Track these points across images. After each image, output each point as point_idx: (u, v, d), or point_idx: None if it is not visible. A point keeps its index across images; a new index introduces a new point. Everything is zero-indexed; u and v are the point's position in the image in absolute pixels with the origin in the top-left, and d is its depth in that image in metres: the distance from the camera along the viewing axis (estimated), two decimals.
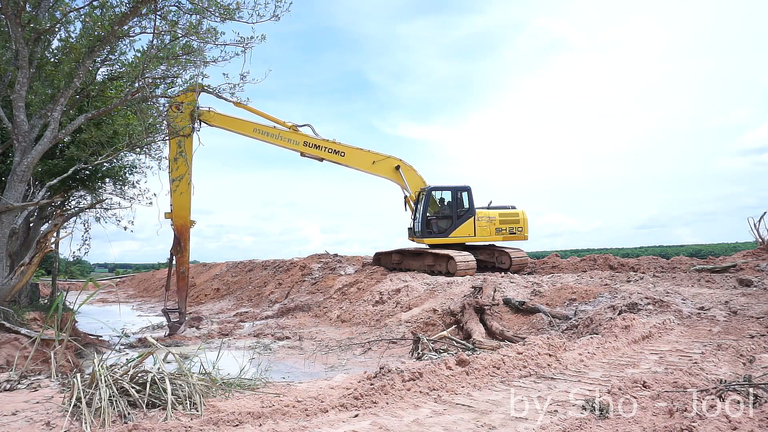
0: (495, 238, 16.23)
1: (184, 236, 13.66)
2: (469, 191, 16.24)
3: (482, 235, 16.11)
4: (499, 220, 16.23)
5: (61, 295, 8.28)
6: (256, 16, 9.55)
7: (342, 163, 15.75)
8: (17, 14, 8.65)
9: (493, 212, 16.35)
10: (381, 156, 16.08)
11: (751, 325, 6.78)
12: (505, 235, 16.19)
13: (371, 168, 15.98)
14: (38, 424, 3.72)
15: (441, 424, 3.79)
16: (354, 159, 15.84)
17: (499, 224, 16.17)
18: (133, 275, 46.51)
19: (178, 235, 13.60)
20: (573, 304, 9.49)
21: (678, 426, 3.20)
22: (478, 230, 16.03)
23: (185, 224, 13.61)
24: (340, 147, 15.68)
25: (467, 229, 16.02)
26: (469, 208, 16.12)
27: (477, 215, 16.08)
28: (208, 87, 12.31)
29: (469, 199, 16.19)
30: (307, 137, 15.38)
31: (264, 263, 23.82)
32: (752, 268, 11.88)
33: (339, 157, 15.65)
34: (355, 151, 15.84)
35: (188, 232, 13.76)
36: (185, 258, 13.79)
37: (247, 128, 14.90)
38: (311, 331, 12.28)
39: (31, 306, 10.43)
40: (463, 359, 5.24)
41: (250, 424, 3.78)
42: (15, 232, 9.36)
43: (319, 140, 15.46)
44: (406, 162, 16.50)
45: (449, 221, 16.10)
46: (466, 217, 16.05)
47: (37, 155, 9.12)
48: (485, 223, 16.08)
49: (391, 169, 16.21)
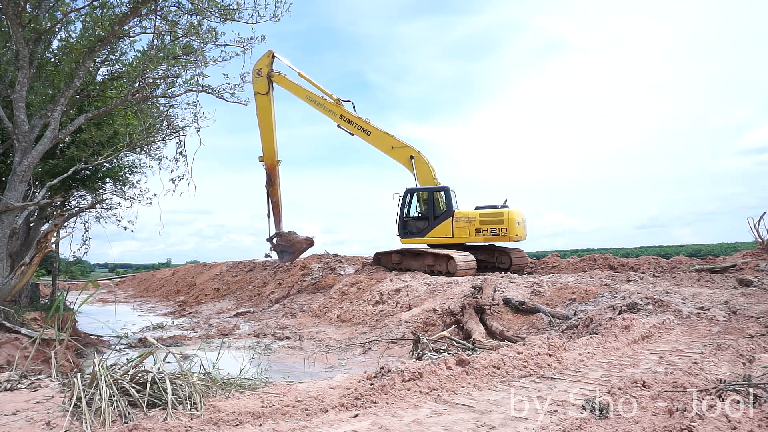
0: (475, 239, 15.62)
1: (273, 173, 18.13)
2: (447, 191, 16.07)
3: (460, 235, 15.67)
4: (479, 220, 15.51)
5: (62, 295, 8.29)
6: (256, 17, 9.58)
7: (367, 141, 17.02)
8: (17, 14, 8.65)
9: (473, 212, 15.81)
10: (401, 143, 16.81)
11: (751, 325, 6.78)
12: (486, 236, 15.42)
13: (389, 152, 16.93)
14: (38, 423, 3.72)
15: (441, 424, 3.79)
16: (377, 140, 16.98)
17: (479, 225, 15.48)
18: (133, 275, 46.53)
19: (268, 172, 18.10)
20: (573, 304, 9.49)
21: (678, 426, 3.21)
22: (456, 231, 15.71)
23: (273, 164, 18.07)
24: (369, 127, 16.97)
25: (444, 229, 15.87)
26: (446, 209, 15.95)
27: (455, 215, 15.79)
28: (207, 87, 12.34)
29: (447, 200, 16.01)
30: (344, 111, 17.17)
31: (264, 263, 23.81)
32: (752, 268, 11.88)
33: (365, 135, 17.02)
34: (380, 133, 16.94)
35: (276, 169, 18.12)
36: (275, 190, 18.21)
37: (301, 93, 17.66)
38: (311, 331, 12.29)
39: (31, 306, 10.44)
40: (463, 359, 5.24)
41: (250, 424, 3.78)
42: (15, 232, 9.37)
43: (353, 116, 17.06)
44: (423, 155, 16.68)
45: (426, 222, 16.20)
46: (444, 218, 15.91)
47: (37, 155, 9.12)
48: (464, 223, 15.66)
49: (405, 157, 16.73)
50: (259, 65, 17.78)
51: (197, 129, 11.92)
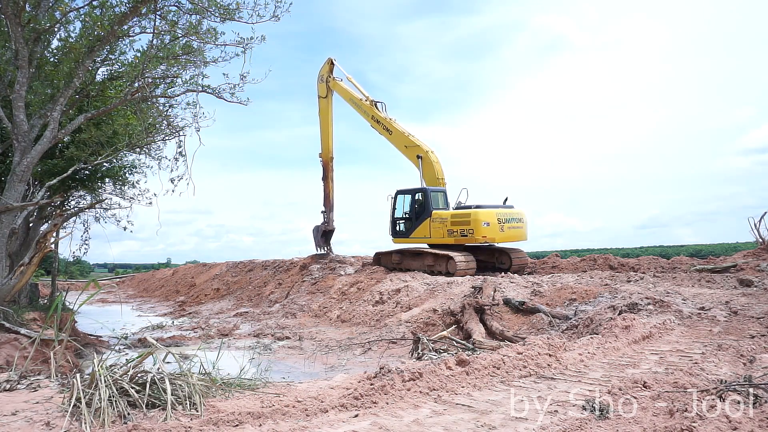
0: (447, 240, 15.53)
1: (328, 167, 20.19)
2: (426, 192, 16.17)
3: (436, 236, 15.73)
4: (451, 221, 15.40)
5: (61, 295, 8.28)
6: (256, 17, 9.57)
7: (389, 140, 17.71)
8: (17, 14, 8.65)
9: (446, 213, 15.75)
10: (413, 142, 17.13)
11: (752, 325, 6.77)
12: (456, 237, 15.30)
13: (403, 150, 17.38)
14: (38, 424, 3.71)
15: (441, 424, 3.78)
16: (396, 138, 17.56)
17: (451, 225, 15.41)
18: (133, 275, 46.49)
19: (324, 167, 20.21)
20: (573, 304, 9.48)
21: (678, 426, 3.20)
22: (432, 231, 15.83)
23: (328, 159, 20.13)
24: (392, 126, 17.63)
25: (423, 230, 16.08)
26: (425, 210, 16.03)
27: (432, 216, 15.84)
28: (207, 87, 12.33)
29: (425, 201, 16.10)
30: (375, 112, 18.09)
31: (264, 263, 23.81)
32: (752, 268, 11.86)
33: (387, 134, 17.76)
34: (399, 132, 17.47)
35: (330, 164, 20.20)
36: (329, 183, 20.16)
37: (347, 96, 19.11)
38: (311, 331, 12.28)
39: (30, 306, 10.42)
40: (463, 359, 5.23)
41: (250, 424, 3.78)
42: (15, 232, 9.36)
43: (381, 116, 17.95)
44: (432, 155, 16.88)
45: (411, 222, 16.55)
46: (423, 219, 16.06)
47: (36, 155, 9.11)
48: (439, 224, 15.70)
49: (414, 156, 17.00)
50: (321, 72, 19.82)
51: (197, 129, 11.92)
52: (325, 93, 19.78)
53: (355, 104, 18.71)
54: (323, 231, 20.40)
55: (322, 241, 20.46)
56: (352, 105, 18.88)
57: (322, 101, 19.96)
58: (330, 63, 19.59)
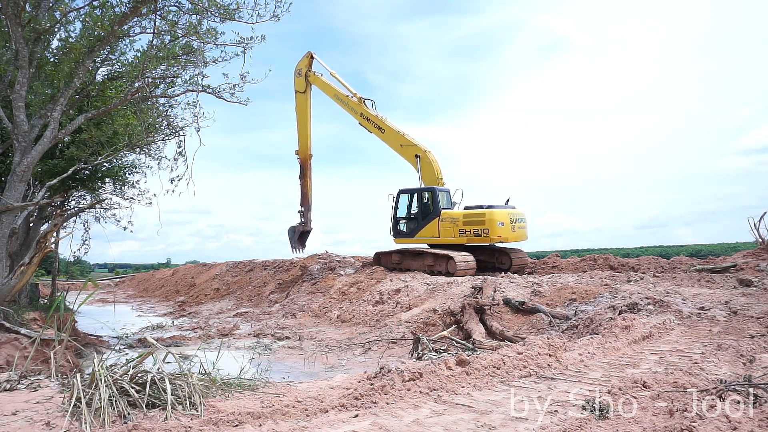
0: (459, 239, 15.46)
1: (306, 165, 19.45)
2: (434, 192, 16.06)
3: (446, 236, 15.62)
4: (463, 221, 15.28)
5: (61, 295, 8.28)
6: (255, 17, 9.57)
7: (381, 139, 17.31)
8: (17, 14, 8.65)
9: (457, 213, 15.69)
10: (410, 141, 16.84)
11: (752, 325, 6.78)
12: (469, 236, 15.21)
13: (399, 149, 17.01)
14: (38, 424, 3.71)
15: (441, 424, 3.79)
16: (390, 138, 17.18)
17: (462, 225, 15.32)
18: (133, 275, 46.46)
19: (302, 165, 19.45)
20: (573, 304, 9.49)
21: (678, 426, 3.20)
22: (441, 231, 15.69)
23: (306, 157, 19.39)
24: (384, 125, 17.23)
25: (431, 230, 15.91)
26: (433, 210, 15.95)
27: (441, 216, 15.74)
28: (207, 87, 12.34)
29: (434, 201, 15.99)
30: (364, 109, 17.61)
31: (264, 263, 23.81)
32: (752, 268, 11.87)
33: (380, 133, 17.35)
34: (393, 131, 17.10)
35: (308, 162, 19.46)
36: (306, 182, 19.42)
37: (330, 92, 18.52)
38: (311, 331, 12.28)
39: (31, 306, 10.43)
40: (463, 359, 5.23)
41: (250, 425, 3.78)
42: (15, 232, 9.36)
43: (371, 114, 17.48)
44: (430, 154, 16.68)
45: (416, 222, 16.33)
46: (431, 218, 15.91)
47: (36, 155, 9.12)
48: (449, 224, 15.57)
49: (412, 156, 16.78)
50: (299, 65, 19.11)
51: (197, 129, 11.91)
52: (303, 88, 19.08)
53: (341, 100, 18.15)
54: (300, 232, 19.68)
55: (297, 242, 19.73)
56: (337, 101, 18.31)
57: (300, 96, 19.26)
58: (309, 57, 18.95)
